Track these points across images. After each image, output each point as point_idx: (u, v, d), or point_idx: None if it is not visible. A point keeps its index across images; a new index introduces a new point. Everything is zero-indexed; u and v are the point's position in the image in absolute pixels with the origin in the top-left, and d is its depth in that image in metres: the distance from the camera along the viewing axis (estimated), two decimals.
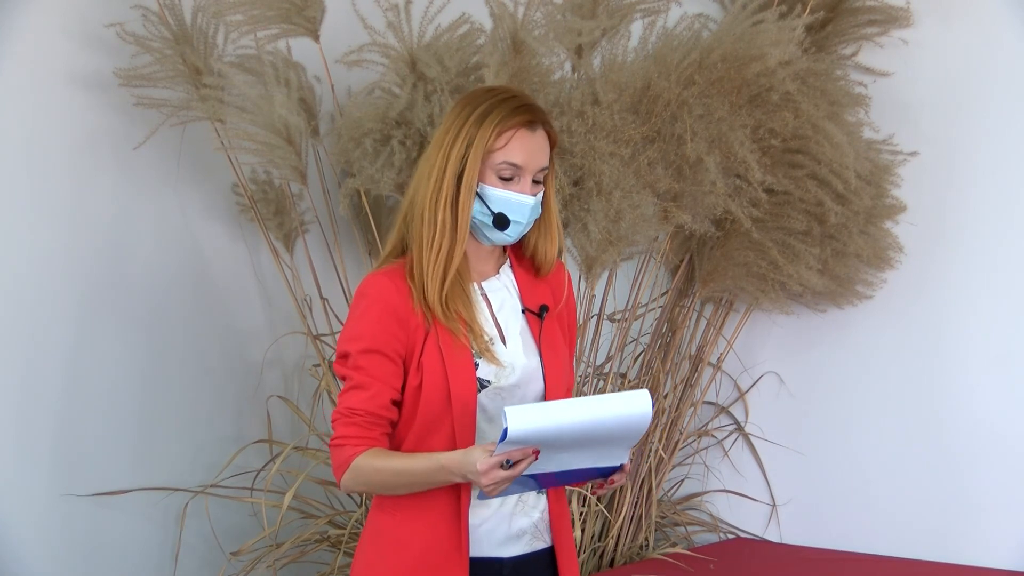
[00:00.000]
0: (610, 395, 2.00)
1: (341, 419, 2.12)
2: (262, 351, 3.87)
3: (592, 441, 2.00)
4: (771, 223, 3.45)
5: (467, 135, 2.11)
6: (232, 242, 3.83)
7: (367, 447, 2.10)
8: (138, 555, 3.55)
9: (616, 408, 1.98)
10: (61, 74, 3.34)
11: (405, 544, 2.14)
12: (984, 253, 3.53)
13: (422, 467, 2.08)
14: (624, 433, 2.01)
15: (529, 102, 2.15)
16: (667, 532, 3.86)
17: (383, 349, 2.11)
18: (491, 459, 1.97)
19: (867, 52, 3.64)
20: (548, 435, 1.96)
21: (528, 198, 2.14)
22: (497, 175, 2.13)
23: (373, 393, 2.10)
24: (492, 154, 2.12)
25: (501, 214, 2.13)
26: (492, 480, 1.98)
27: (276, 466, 3.52)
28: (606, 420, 1.98)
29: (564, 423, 1.96)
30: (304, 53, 3.53)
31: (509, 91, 2.17)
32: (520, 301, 2.23)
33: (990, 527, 3.51)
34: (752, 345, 3.87)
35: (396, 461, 2.10)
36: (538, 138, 2.14)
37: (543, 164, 2.16)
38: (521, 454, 1.97)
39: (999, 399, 3.51)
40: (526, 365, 2.18)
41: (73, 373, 3.38)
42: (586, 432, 1.98)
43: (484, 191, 2.13)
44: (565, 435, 1.97)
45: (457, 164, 2.11)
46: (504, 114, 2.11)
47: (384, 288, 2.13)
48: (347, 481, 2.12)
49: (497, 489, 2.00)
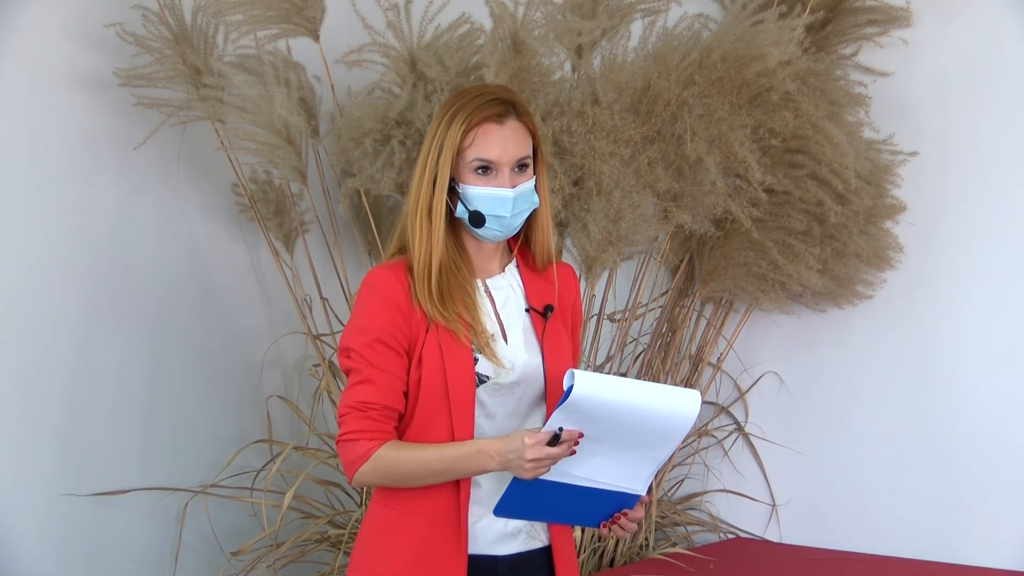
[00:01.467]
0: (666, 386, 2.04)
1: (353, 413, 2.11)
2: (262, 351, 3.87)
3: (636, 432, 2.01)
4: (771, 223, 3.45)
5: (439, 139, 2.14)
6: (232, 242, 3.83)
7: (383, 440, 2.11)
8: (138, 555, 3.55)
9: (669, 399, 2.02)
10: (61, 74, 3.34)
11: (403, 537, 2.14)
12: (984, 253, 3.53)
13: (457, 453, 2.09)
14: (668, 430, 2.02)
15: (497, 96, 2.16)
16: (667, 532, 3.86)
17: (389, 341, 2.11)
18: (540, 434, 1.99)
19: (867, 52, 3.64)
20: (604, 410, 1.98)
21: (507, 191, 2.14)
22: (472, 172, 2.14)
23: (383, 386, 2.11)
24: (463, 153, 2.14)
25: (476, 211, 2.14)
26: (537, 455, 1.99)
27: (276, 466, 3.52)
28: (657, 409, 2.01)
29: (621, 399, 1.98)
30: (304, 53, 3.53)
31: (482, 88, 2.18)
32: (524, 299, 2.23)
33: (990, 527, 3.51)
34: (752, 345, 3.87)
35: (425, 451, 2.10)
36: (507, 130, 2.15)
37: (519, 155, 2.16)
38: (568, 435, 1.99)
39: (999, 399, 3.51)
40: (527, 363, 2.18)
41: (73, 373, 3.38)
42: (636, 417, 2.00)
43: (464, 190, 2.14)
44: (618, 414, 1.99)
45: (432, 169, 2.14)
46: (469, 112, 2.13)
47: (388, 281, 2.14)
48: (364, 474, 2.11)
49: (537, 469, 2.00)
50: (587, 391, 1.97)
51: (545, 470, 2.02)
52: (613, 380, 2.02)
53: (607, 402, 1.98)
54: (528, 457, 2.00)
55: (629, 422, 2.01)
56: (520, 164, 2.16)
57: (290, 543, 3.57)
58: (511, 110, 2.16)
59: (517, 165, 2.16)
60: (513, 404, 2.17)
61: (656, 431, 2.03)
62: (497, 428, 2.15)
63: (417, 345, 2.13)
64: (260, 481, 3.61)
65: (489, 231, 2.16)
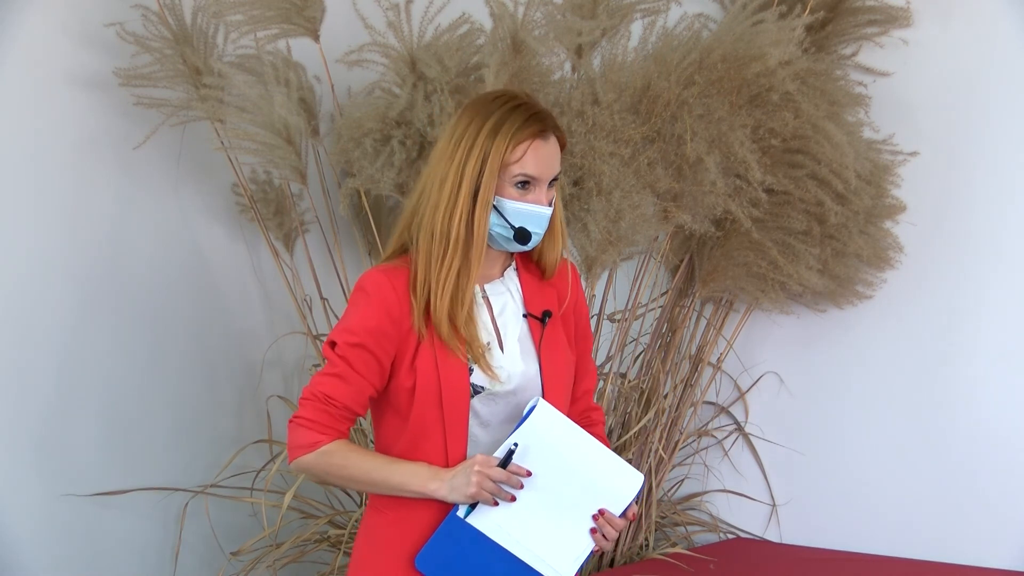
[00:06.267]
0: (617, 456, 2.13)
1: (315, 402, 2.11)
2: (262, 351, 3.87)
3: (577, 485, 2.09)
4: (771, 223, 3.45)
5: (481, 149, 2.08)
6: (232, 242, 3.83)
7: (334, 437, 2.11)
8: (138, 555, 3.55)
9: (617, 466, 2.12)
10: (61, 74, 3.34)
11: (397, 542, 2.14)
12: (984, 253, 3.53)
13: (401, 467, 2.10)
14: (607, 494, 2.10)
15: (539, 109, 2.13)
16: (667, 532, 3.86)
17: (372, 347, 2.11)
18: (494, 456, 2.03)
19: (867, 52, 3.64)
20: (555, 447, 2.07)
21: (546, 209, 2.13)
22: (512, 186, 2.11)
23: (353, 387, 2.11)
24: (508, 167, 2.10)
25: (522, 228, 2.11)
26: (485, 469, 2.03)
27: (276, 466, 3.52)
28: (604, 469, 2.11)
29: (574, 443, 2.09)
30: (304, 53, 3.53)
31: (516, 97, 2.13)
32: (523, 306, 2.22)
33: (990, 527, 3.51)
34: (752, 345, 3.87)
35: (372, 459, 2.12)
36: (550, 146, 2.13)
37: (556, 171, 2.15)
38: (516, 469, 2.04)
39: (999, 399, 3.51)
40: (524, 372, 2.17)
41: (73, 373, 3.38)
42: (581, 467, 2.09)
43: (501, 204, 2.11)
44: (566, 458, 2.08)
45: (473, 180, 2.09)
46: (517, 125, 2.09)
47: (381, 286, 2.12)
48: (305, 462, 2.12)
49: (480, 487, 2.03)
50: (546, 419, 2.07)
51: (486, 495, 2.04)
52: (572, 425, 2.10)
53: (561, 438, 2.08)
54: (476, 469, 2.03)
55: (574, 469, 2.09)
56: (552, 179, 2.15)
57: (290, 543, 3.57)
58: (549, 125, 2.13)
59: (550, 181, 2.15)
60: (508, 412, 2.16)
61: (596, 492, 2.10)
62: (492, 436, 2.15)
63: (407, 351, 2.12)
64: (260, 481, 3.62)
65: (524, 246, 2.14)
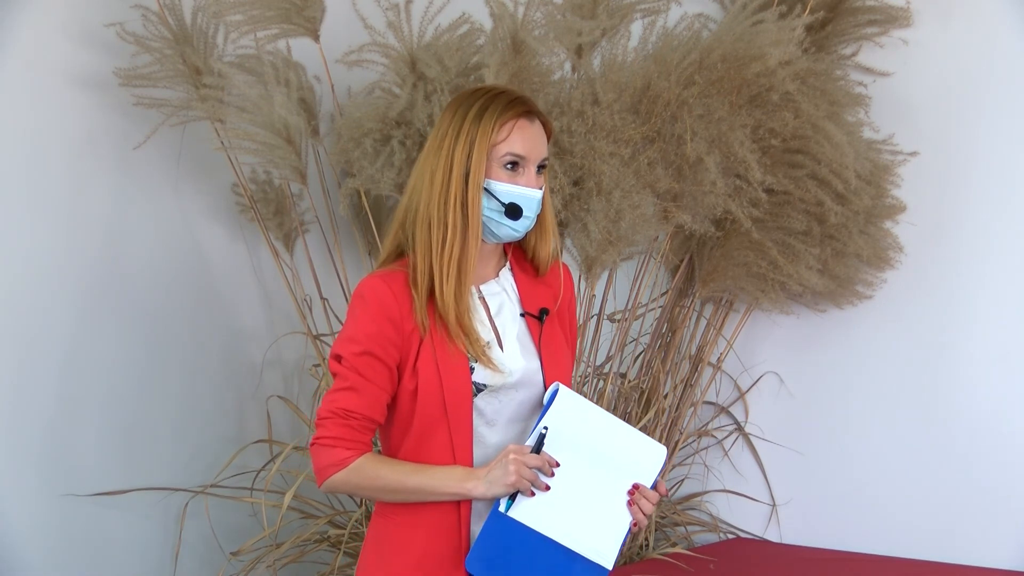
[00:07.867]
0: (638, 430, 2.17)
1: (334, 419, 2.11)
2: (262, 351, 3.87)
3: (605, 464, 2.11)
4: (771, 223, 3.45)
5: (468, 133, 2.11)
6: (232, 242, 3.83)
7: (361, 451, 2.11)
8: (138, 555, 3.55)
9: (639, 439, 2.15)
10: (61, 74, 3.34)
11: (406, 548, 2.14)
12: (984, 252, 3.53)
13: (438, 470, 2.11)
14: (634, 468, 2.13)
15: (520, 94, 2.17)
16: (667, 532, 3.86)
17: (378, 353, 2.11)
18: (525, 444, 2.07)
19: (867, 52, 3.64)
20: (580, 428, 2.10)
21: (536, 191, 2.14)
22: (501, 167, 2.13)
23: (368, 396, 2.11)
24: (495, 147, 2.12)
25: (513, 203, 2.13)
26: (520, 455, 2.05)
27: (276, 466, 3.52)
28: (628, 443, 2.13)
29: (597, 421, 2.12)
30: (304, 53, 3.53)
31: (497, 87, 2.18)
32: (519, 304, 2.22)
33: (990, 527, 3.51)
34: (752, 345, 3.87)
35: (406, 465, 2.12)
36: (536, 128, 2.16)
37: (544, 154, 2.16)
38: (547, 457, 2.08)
39: (999, 398, 3.51)
40: (525, 368, 2.17)
41: (73, 373, 3.38)
42: (607, 446, 2.12)
43: (491, 186, 2.13)
44: (592, 438, 2.11)
45: (463, 163, 2.11)
46: (502, 106, 2.13)
47: (380, 291, 2.12)
48: (336, 481, 2.11)
49: (520, 474, 2.04)
50: (570, 403, 2.10)
51: (525, 483, 2.05)
52: (593, 405, 2.14)
53: (586, 420, 2.12)
54: (511, 458, 2.04)
55: (602, 449, 2.12)
56: (541, 165, 2.16)
57: (290, 543, 3.57)
58: (533, 108, 2.16)
59: (539, 166, 2.16)
60: (513, 410, 2.17)
61: (625, 468, 2.13)
62: (498, 435, 2.15)
63: (410, 354, 2.12)
64: (260, 481, 3.61)
65: (515, 229, 2.15)
